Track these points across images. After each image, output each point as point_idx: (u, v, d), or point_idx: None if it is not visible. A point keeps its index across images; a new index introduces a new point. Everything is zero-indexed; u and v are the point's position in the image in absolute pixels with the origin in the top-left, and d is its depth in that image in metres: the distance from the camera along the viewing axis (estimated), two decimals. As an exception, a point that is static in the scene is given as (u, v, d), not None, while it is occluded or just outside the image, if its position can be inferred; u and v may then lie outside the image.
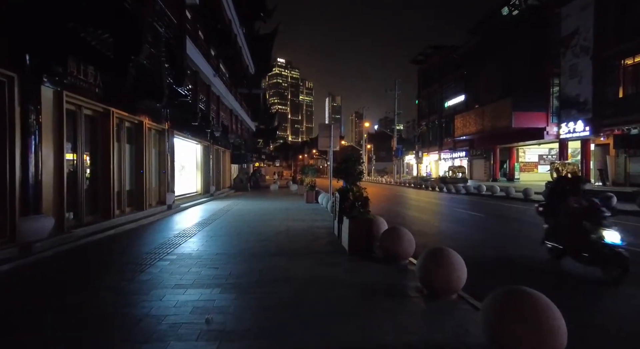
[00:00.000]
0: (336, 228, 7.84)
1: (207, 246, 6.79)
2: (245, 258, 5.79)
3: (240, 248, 6.56)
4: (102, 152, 8.40)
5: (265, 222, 9.92)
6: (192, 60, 10.39)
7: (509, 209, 14.08)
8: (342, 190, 6.88)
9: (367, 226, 6.15)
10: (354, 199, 6.42)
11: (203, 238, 7.54)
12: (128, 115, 9.47)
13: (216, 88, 13.92)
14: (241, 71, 22.02)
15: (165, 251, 6.33)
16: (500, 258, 6.40)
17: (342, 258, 5.86)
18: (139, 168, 10.40)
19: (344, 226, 6.70)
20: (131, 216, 9.53)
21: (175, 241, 7.18)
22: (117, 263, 5.62)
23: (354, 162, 7.13)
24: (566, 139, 24.03)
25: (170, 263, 5.52)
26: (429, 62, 47.29)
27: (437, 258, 4.08)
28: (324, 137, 12.92)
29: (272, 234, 8.04)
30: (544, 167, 34.37)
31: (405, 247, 5.55)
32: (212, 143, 19.11)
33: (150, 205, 11.34)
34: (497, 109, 27.26)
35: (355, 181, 6.93)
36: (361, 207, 6.37)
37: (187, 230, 8.55)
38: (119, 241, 7.35)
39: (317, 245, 6.97)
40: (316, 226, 9.15)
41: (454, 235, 8.63)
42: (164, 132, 12.20)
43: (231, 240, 7.40)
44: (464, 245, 7.43)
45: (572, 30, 22.78)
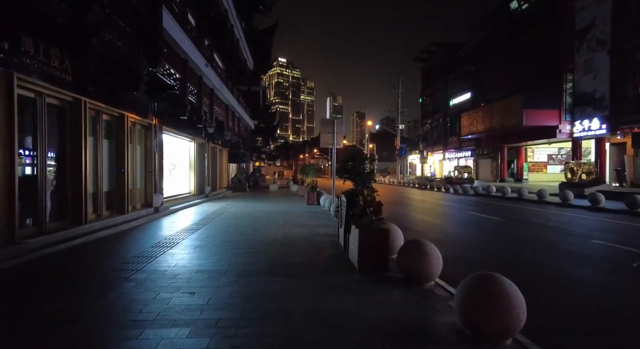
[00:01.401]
0: (341, 236, 6.72)
1: (188, 260, 5.67)
2: (231, 279, 4.68)
3: (226, 263, 5.44)
4: (72, 148, 7.28)
5: (261, 228, 8.80)
6: (179, 46, 9.28)
7: (526, 212, 12.94)
8: (349, 193, 5.76)
9: (381, 239, 5.02)
10: (365, 204, 5.30)
11: (186, 249, 6.43)
12: (105, 107, 8.36)
13: (209, 80, 12.81)
14: (239, 65, 20.91)
15: (135, 267, 5.21)
16: (561, 282, 5.23)
17: (351, 279, 4.74)
18: (120, 166, 9.30)
19: (351, 236, 5.58)
20: (109, 221, 8.42)
21: (151, 253, 6.07)
22: (66, 285, 4.50)
23: (363, 159, 6.01)
24: (580, 138, 22.88)
25: (136, 285, 4.41)
26: (433, 59, 46.15)
27: (488, 289, 2.96)
28: (327, 133, 11.79)
29: (267, 244, 6.92)
30: (554, 167, 33.23)
31: (431, 266, 4.43)
32: (207, 140, 18.00)
33: (134, 208, 10.23)
34: (507, 107, 26.10)
35: (366, 183, 5.81)
36: (373, 214, 5.25)
37: (170, 238, 7.44)
38: (84, 253, 6.24)
39: (319, 258, 5.85)
40: (318, 233, 8.03)
41: (479, 245, 7.50)
42: (151, 127, 11.08)
43: (218, 251, 6.28)
44: (496, 259, 6.30)
45: (587, 22, 21.62)
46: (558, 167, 33.17)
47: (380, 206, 5.35)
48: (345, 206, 5.88)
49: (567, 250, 6.87)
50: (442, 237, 8.26)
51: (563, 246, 7.20)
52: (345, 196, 5.87)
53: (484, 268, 5.62)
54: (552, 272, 5.46)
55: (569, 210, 13.83)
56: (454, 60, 39.46)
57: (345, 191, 6.17)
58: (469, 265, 5.80)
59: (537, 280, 5.02)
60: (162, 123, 11.83)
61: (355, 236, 5.21)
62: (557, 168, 33.15)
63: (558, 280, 5.09)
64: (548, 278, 5.17)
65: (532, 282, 4.85)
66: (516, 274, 5.24)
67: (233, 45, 17.72)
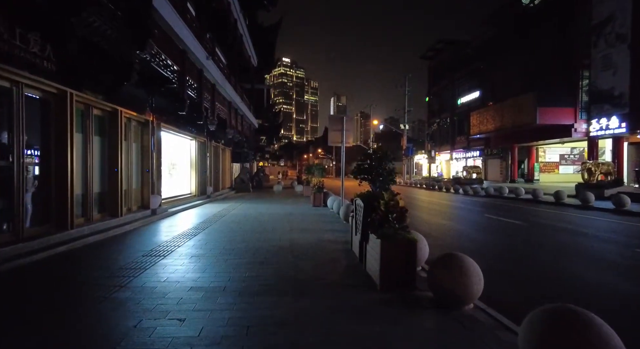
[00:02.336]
0: (355, 244, 5.97)
1: (182, 272, 4.94)
2: (231, 299, 3.93)
3: (226, 277, 4.70)
4: (56, 145, 6.58)
5: (265, 233, 8.07)
6: (176, 35, 8.56)
7: (547, 215, 12.11)
8: (367, 197, 5.01)
9: (408, 251, 4.26)
10: (386, 210, 4.54)
11: (180, 259, 5.70)
12: (96, 101, 7.66)
13: (210, 74, 12.10)
14: (242, 62, 20.21)
15: (119, 282, 4.49)
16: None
17: (372, 299, 3.99)
18: (113, 166, 8.60)
19: (370, 246, 4.83)
20: (100, 225, 7.72)
21: (141, 263, 5.35)
22: (26, 308, 3.78)
23: (382, 157, 5.24)
24: (597, 137, 21.95)
25: (115, 307, 3.68)
26: (440, 57, 45.25)
27: (578, 332, 2.19)
28: (335, 130, 11.02)
29: (272, 252, 6.18)
30: (566, 168, 32.27)
31: (471, 286, 3.67)
32: (209, 139, 17.30)
33: (129, 210, 9.54)
34: (519, 105, 25.18)
35: (387, 185, 5.05)
36: (397, 222, 4.50)
37: (165, 245, 6.72)
38: (63, 263, 5.52)
39: (332, 271, 5.10)
40: (328, 240, 7.28)
41: (509, 254, 6.72)
42: (148, 124, 10.39)
43: (217, 262, 5.55)
44: (536, 274, 5.52)
45: (605, 16, 20.69)
46: (571, 168, 32.23)
47: (405, 213, 4.59)
48: (361, 211, 5.12)
49: (612, 261, 6.06)
50: (465, 244, 7.48)
51: (606, 256, 6.40)
52: (361, 200, 5.12)
53: (527, 285, 4.88)
54: (615, 292, 4.67)
55: (592, 212, 12.98)
56: (462, 58, 38.55)
57: (360, 195, 5.43)
58: (507, 280, 5.03)
59: (606, 304, 4.23)
60: (160, 120, 11.13)
61: (376, 248, 4.45)
62: (569, 168, 32.20)
63: (627, 301, 4.31)
64: (611, 298, 4.39)
65: (607, 309, 4.07)
66: (574, 295, 4.47)
67: (236, 40, 17.01)
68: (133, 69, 6.32)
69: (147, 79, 8.41)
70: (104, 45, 5.64)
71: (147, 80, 8.48)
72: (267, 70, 36.91)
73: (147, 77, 8.44)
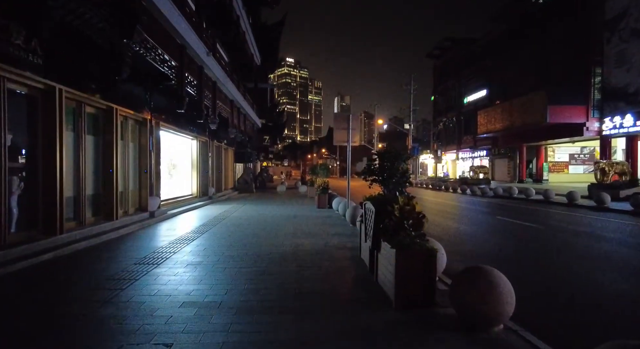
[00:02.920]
0: (365, 251, 5.49)
1: (175, 284, 4.48)
2: (227, 317, 3.47)
3: (223, 290, 4.24)
4: (44, 145, 6.16)
5: (267, 238, 7.60)
6: (174, 28, 8.10)
7: (563, 217, 11.54)
8: (378, 201, 4.53)
9: (427, 264, 3.78)
10: (402, 216, 4.06)
11: (175, 267, 5.25)
12: (89, 97, 7.24)
13: (211, 71, 11.66)
14: (245, 60, 19.79)
15: (104, 296, 4.04)
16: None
17: (386, 318, 3.51)
18: (108, 166, 8.18)
19: (382, 256, 4.34)
20: (93, 229, 7.30)
21: (132, 273, 4.91)
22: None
23: (395, 156, 4.76)
24: (610, 135, 21.31)
25: (95, 328, 3.23)
26: (446, 56, 44.59)
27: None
28: (341, 129, 10.55)
29: (275, 260, 5.71)
30: (576, 167, 31.56)
31: (502, 304, 3.18)
32: (211, 138, 16.90)
33: (125, 213, 9.13)
34: (529, 103, 24.54)
35: (401, 188, 4.57)
36: (413, 229, 4.01)
37: (160, 251, 6.27)
38: (46, 273, 5.09)
39: (340, 284, 4.63)
40: (334, 246, 6.80)
41: (533, 262, 6.20)
42: (146, 122, 9.97)
43: (214, 271, 5.09)
44: (571, 287, 5.00)
45: (619, 11, 20.04)
46: (581, 167, 31.52)
47: (423, 219, 4.11)
48: (372, 216, 4.64)
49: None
50: (480, 249, 6.98)
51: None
52: (372, 203, 4.63)
53: (561, 300, 4.20)
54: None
55: (610, 215, 12.38)
56: (468, 56, 37.93)
57: (371, 198, 4.94)
58: (538, 294, 4.51)
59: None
60: (159, 118, 10.71)
61: (390, 258, 3.97)
62: (579, 168, 31.48)
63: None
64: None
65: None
66: (622, 315, 3.95)
67: (238, 37, 16.58)
68: (124, 62, 5.88)
69: (143, 75, 7.99)
70: (88, 33, 5.19)
71: (144, 76, 8.06)
72: (270, 69, 36.48)
73: (144, 73, 8.02)
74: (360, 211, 8.81)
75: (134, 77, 7.73)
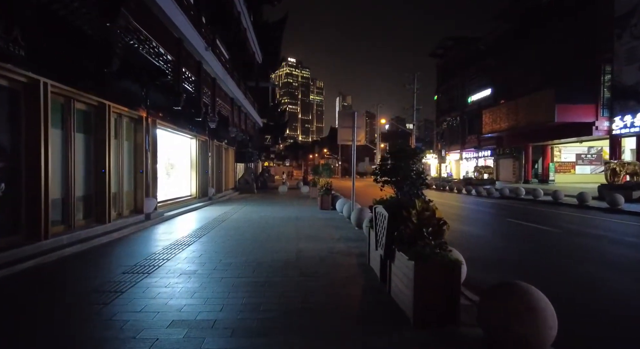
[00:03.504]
0: (374, 259, 5.03)
1: (165, 297, 4.02)
2: (220, 341, 3.00)
3: (218, 306, 3.78)
4: (27, 143, 5.71)
5: (268, 243, 7.14)
6: (169, 20, 7.65)
7: (578, 220, 11.03)
8: (392, 205, 4.06)
9: (449, 277, 3.31)
10: (420, 222, 3.59)
11: (167, 277, 4.79)
12: (78, 93, 6.79)
13: (210, 67, 11.21)
14: (246, 57, 19.34)
15: (83, 312, 3.59)
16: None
17: (404, 340, 3.04)
18: (100, 166, 7.73)
19: (397, 267, 3.87)
20: (83, 233, 6.85)
21: (119, 284, 4.45)
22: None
23: (410, 155, 4.28)
24: (620, 135, 20.75)
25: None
26: (449, 55, 44.04)
27: None
28: (346, 127, 10.10)
29: (276, 268, 5.24)
30: (583, 168, 30.98)
31: (543, 328, 2.70)
32: (211, 138, 16.45)
33: (119, 215, 8.69)
34: (536, 102, 23.99)
35: (417, 190, 4.10)
36: (432, 237, 3.55)
37: (152, 258, 5.82)
38: (21, 285, 4.63)
39: (348, 296, 4.16)
40: (340, 252, 6.33)
41: (559, 271, 5.72)
42: (142, 120, 9.53)
43: (210, 281, 4.63)
44: (610, 301, 4.52)
45: (630, 7, 19.49)
46: (588, 168, 30.95)
47: (444, 226, 3.64)
48: (384, 222, 4.16)
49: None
50: (498, 257, 6.49)
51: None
52: (385, 208, 4.15)
53: (601, 318, 3.71)
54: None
55: (625, 217, 11.87)
56: (472, 55, 37.39)
57: (382, 201, 4.48)
58: (578, 313, 4.02)
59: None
60: (156, 116, 10.27)
61: (407, 271, 3.50)
62: (586, 168, 30.91)
63: None
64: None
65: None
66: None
67: (239, 33, 16.13)
68: (114, 53, 5.43)
69: (137, 70, 7.54)
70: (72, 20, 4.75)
71: (138, 70, 7.61)
72: (272, 68, 36.02)
73: (138, 68, 7.56)
74: (367, 214, 8.34)
75: (128, 72, 7.30)
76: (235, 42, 16.48)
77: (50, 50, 5.59)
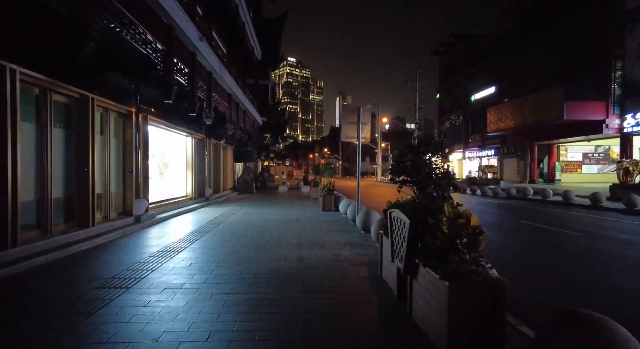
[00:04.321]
0: (386, 270, 4.36)
1: (138, 324, 3.34)
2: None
3: (204, 334, 3.09)
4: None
5: (266, 249, 6.45)
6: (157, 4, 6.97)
7: (596, 222, 10.34)
8: (414, 209, 3.37)
9: (491, 301, 2.63)
10: (452, 232, 2.91)
11: (148, 293, 4.11)
12: (54, 83, 6.10)
13: (205, 60, 10.52)
14: (245, 53, 18.64)
15: (40, 342, 2.90)
16: None
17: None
18: (82, 165, 7.05)
19: (421, 285, 3.18)
20: (61, 239, 6.17)
21: (90, 303, 3.77)
22: None
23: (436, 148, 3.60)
24: (631, 133, 20.07)
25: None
26: (452, 52, 43.31)
27: None
28: (350, 123, 9.41)
29: (274, 282, 4.55)
30: (590, 167, 30.29)
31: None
32: (209, 136, 15.76)
33: (105, 218, 8.01)
34: (543, 99, 23.31)
35: (445, 193, 3.41)
36: (467, 250, 2.87)
37: (135, 268, 5.13)
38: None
39: (361, 320, 3.47)
40: (346, 259, 5.65)
41: (605, 285, 5.04)
42: (131, 116, 8.85)
43: (197, 300, 3.94)
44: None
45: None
46: (595, 167, 30.27)
47: (481, 236, 2.95)
48: (405, 230, 3.47)
49: None
50: (527, 267, 5.80)
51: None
52: (405, 213, 3.46)
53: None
54: None
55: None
56: (476, 52, 36.69)
57: (400, 205, 3.79)
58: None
59: None
60: (147, 112, 9.59)
61: (436, 291, 2.82)
62: (593, 168, 30.23)
63: None
64: None
65: None
66: None
67: (237, 27, 15.44)
68: (87, 35, 4.76)
69: (121, 57, 6.84)
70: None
71: (122, 58, 6.91)
72: (272, 66, 35.32)
73: (123, 55, 6.87)
74: (374, 217, 7.66)
75: (112, 60, 6.62)
76: (233, 36, 15.80)
77: (17, 32, 4.90)
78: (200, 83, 10.37)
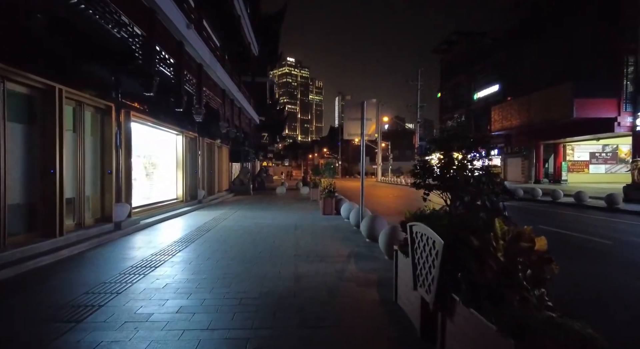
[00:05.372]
0: (402, 296, 3.48)
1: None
2: None
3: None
4: None
5: (258, 263, 5.56)
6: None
7: (617, 225, 9.46)
8: (450, 225, 2.49)
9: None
10: (509, 260, 2.03)
11: (100, 331, 3.22)
12: (8, 69, 5.21)
13: (195, 51, 9.64)
14: (241, 48, 17.75)
15: None
16: None
17: None
18: (48, 166, 6.16)
19: (458, 327, 2.29)
20: (17, 252, 5.27)
21: (43, 337, 2.88)
22: None
23: (477, 143, 2.72)
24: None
25: None
26: (454, 50, 42.45)
27: None
28: (353, 119, 8.54)
29: (265, 311, 3.67)
30: (597, 167, 29.47)
31: None
32: (202, 135, 14.89)
33: (79, 225, 7.12)
34: (552, 97, 22.42)
35: (493, 203, 2.53)
36: (531, 286, 1.99)
37: (95, 292, 4.24)
38: None
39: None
40: (353, 277, 4.76)
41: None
42: (110, 111, 7.97)
43: (161, 346, 3.06)
44: None
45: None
46: (602, 167, 29.45)
47: (549, 266, 2.07)
48: (436, 253, 2.59)
49: None
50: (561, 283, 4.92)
51: None
52: (435, 230, 2.58)
53: None
54: None
55: (674, 223, 10.32)
56: (479, 50, 35.83)
57: (425, 217, 2.91)
58: None
59: None
60: (130, 108, 8.71)
61: (486, 344, 1.94)
62: (601, 167, 29.42)
63: None
64: None
65: None
66: None
67: (232, 19, 14.56)
68: (35, 3, 3.88)
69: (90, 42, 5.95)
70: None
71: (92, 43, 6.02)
72: (270, 63, 34.45)
73: (92, 39, 5.98)
74: (383, 225, 6.78)
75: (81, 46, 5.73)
76: (227, 30, 14.91)
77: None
78: (189, 76, 9.48)
